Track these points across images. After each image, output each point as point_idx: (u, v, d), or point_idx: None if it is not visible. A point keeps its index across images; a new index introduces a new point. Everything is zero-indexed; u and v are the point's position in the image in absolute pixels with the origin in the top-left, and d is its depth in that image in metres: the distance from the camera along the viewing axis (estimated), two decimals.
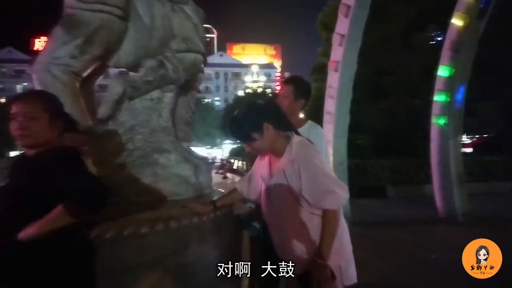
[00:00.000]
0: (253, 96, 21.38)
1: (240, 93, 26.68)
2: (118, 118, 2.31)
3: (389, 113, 14.30)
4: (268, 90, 25.79)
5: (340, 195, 1.64)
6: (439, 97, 7.86)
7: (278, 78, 44.62)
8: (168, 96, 2.40)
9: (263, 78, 50.63)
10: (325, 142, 2.39)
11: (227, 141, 25.45)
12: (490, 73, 7.66)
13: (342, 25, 7.10)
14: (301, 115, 2.66)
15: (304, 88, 2.42)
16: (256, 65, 59.40)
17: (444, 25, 14.41)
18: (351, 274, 1.78)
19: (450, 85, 7.67)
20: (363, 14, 6.81)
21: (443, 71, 7.74)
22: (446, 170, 7.52)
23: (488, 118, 12.24)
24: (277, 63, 65.45)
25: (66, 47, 2.05)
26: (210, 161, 2.45)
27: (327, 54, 17.90)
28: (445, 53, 7.61)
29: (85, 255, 1.51)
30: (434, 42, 14.66)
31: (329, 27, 18.39)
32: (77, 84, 2.15)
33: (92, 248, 1.55)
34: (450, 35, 7.47)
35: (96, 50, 2.16)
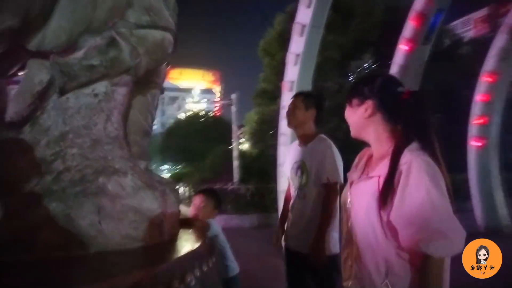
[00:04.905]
0: (196, 119, 20.49)
1: (181, 116, 25.61)
2: (39, 122, 1.49)
3: (330, 138, 14.58)
4: (210, 114, 25.17)
5: (453, 240, 1.14)
6: None
7: (218, 101, 44.63)
8: (121, 92, 1.62)
9: (203, 103, 50.14)
10: (338, 158, 2.33)
11: (166, 166, 23.86)
12: None
13: (297, 44, 6.97)
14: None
15: (314, 98, 2.46)
16: (197, 88, 59.19)
17: (374, 54, 15.63)
18: None
19: None
20: (318, 33, 6.73)
21: None
22: None
23: None
24: (216, 89, 65.29)
25: None
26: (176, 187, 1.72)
27: (269, 79, 18.23)
28: None
29: None
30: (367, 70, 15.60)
31: (270, 54, 18.88)
32: None
33: None
34: (397, 60, 7.71)
35: (6, 18, 1.42)
